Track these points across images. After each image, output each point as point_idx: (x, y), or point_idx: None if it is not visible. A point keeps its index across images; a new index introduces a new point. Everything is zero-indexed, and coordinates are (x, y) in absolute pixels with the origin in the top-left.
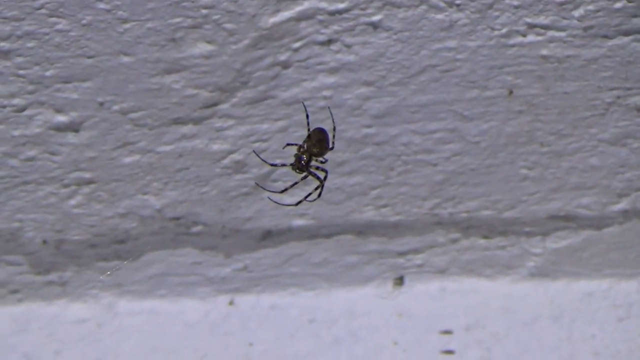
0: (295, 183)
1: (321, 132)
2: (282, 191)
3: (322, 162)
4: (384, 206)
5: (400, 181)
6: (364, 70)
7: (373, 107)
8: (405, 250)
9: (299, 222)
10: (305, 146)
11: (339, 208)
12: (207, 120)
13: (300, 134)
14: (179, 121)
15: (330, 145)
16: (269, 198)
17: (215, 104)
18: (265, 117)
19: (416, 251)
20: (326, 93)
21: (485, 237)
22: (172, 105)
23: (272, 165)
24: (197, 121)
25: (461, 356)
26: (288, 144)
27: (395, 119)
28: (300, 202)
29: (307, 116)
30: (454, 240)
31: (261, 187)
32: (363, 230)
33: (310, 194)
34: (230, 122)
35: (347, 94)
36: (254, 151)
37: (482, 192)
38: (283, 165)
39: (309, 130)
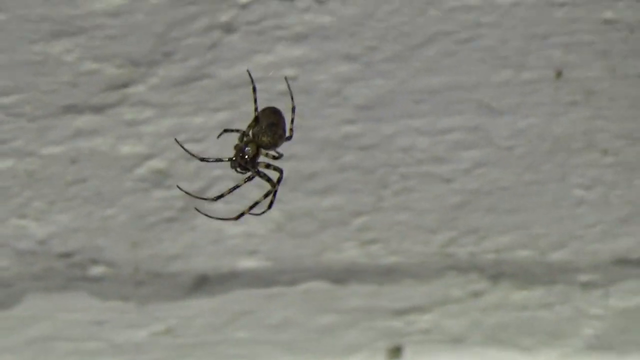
0: (236, 187)
1: (274, 113)
2: (217, 198)
3: (275, 158)
4: (374, 242)
5: (398, 205)
6: (344, 38)
7: (358, 94)
8: (405, 308)
9: (249, 263)
10: (250, 133)
11: (306, 243)
12: (114, 109)
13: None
14: (72, 110)
15: (288, 133)
16: (196, 209)
17: (125, 85)
18: (199, 106)
19: (421, 309)
20: (289, 72)
21: (522, 289)
22: (63, 86)
23: (202, 159)
24: (98, 110)
25: None
26: (226, 130)
27: (391, 112)
28: (242, 214)
29: (255, 90)
30: (477, 294)
31: (185, 191)
32: (342, 277)
33: (257, 203)
34: (148, 112)
35: (319, 73)
36: (175, 140)
37: (517, 223)
38: (219, 160)
39: (256, 110)
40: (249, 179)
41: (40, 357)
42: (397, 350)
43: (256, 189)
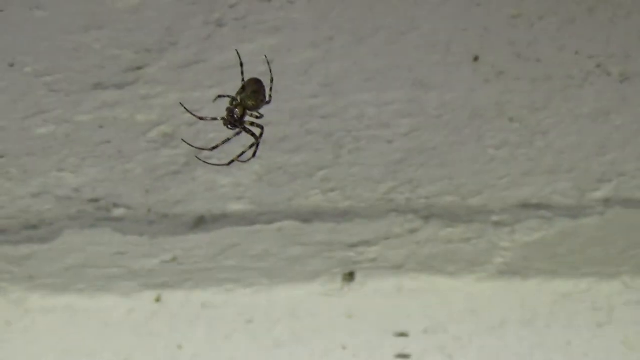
0: (228, 140)
1: (257, 82)
2: (212, 148)
3: (257, 117)
4: (332, 190)
5: (351, 161)
6: (309, 30)
7: (320, 74)
8: (357, 242)
9: (236, 206)
10: (238, 98)
11: (281, 191)
12: (132, 86)
13: None
14: (99, 86)
15: (267, 99)
16: (196, 157)
17: (140, 67)
18: (198, 83)
19: (369, 243)
20: (267, 55)
21: (447, 227)
22: (92, 68)
23: (200, 118)
24: (120, 87)
25: None
26: (220, 96)
27: (346, 88)
28: (232, 161)
29: (242, 65)
30: (412, 231)
31: (187, 143)
32: (308, 217)
33: (244, 153)
34: (158, 88)
35: (290, 57)
36: (180, 104)
37: (444, 175)
38: (214, 119)
39: (243, 80)
40: (238, 133)
41: (74, 280)
42: (350, 275)
43: (242, 147)
